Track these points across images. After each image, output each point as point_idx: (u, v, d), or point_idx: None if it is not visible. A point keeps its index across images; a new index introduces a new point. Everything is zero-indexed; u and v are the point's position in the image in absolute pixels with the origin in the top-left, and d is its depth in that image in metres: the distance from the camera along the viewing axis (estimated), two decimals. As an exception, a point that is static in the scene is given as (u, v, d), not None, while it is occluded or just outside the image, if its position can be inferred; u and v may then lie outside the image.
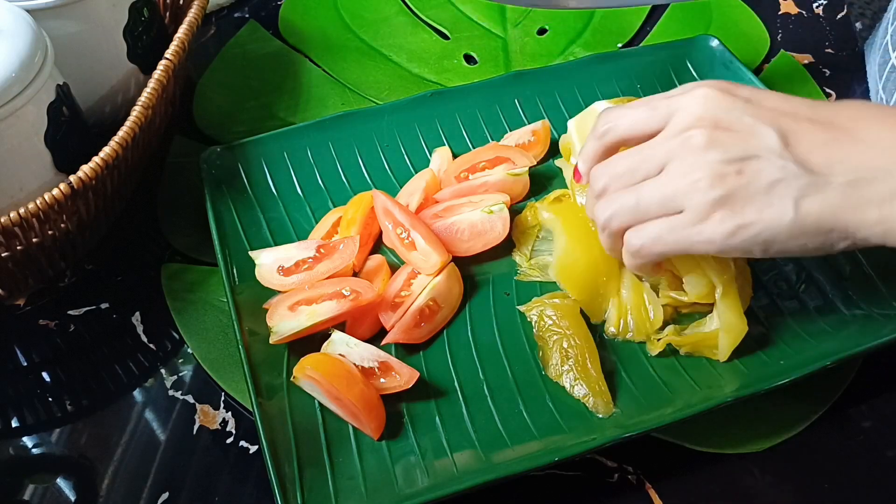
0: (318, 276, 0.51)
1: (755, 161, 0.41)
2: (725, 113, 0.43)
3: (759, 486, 0.46)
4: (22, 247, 0.49)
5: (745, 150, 0.41)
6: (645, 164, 0.44)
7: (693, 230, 0.42)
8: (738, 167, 0.41)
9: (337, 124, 0.61)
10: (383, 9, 0.76)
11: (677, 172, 0.42)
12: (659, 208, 0.43)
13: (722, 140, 0.42)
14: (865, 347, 0.48)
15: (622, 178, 0.45)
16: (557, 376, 0.48)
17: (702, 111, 0.43)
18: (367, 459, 0.45)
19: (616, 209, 0.45)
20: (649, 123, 0.45)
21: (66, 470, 0.47)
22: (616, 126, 0.46)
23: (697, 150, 0.42)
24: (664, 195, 0.43)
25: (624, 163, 0.45)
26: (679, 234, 0.43)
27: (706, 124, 0.42)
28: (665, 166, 0.43)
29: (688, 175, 0.42)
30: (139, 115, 0.51)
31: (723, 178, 0.41)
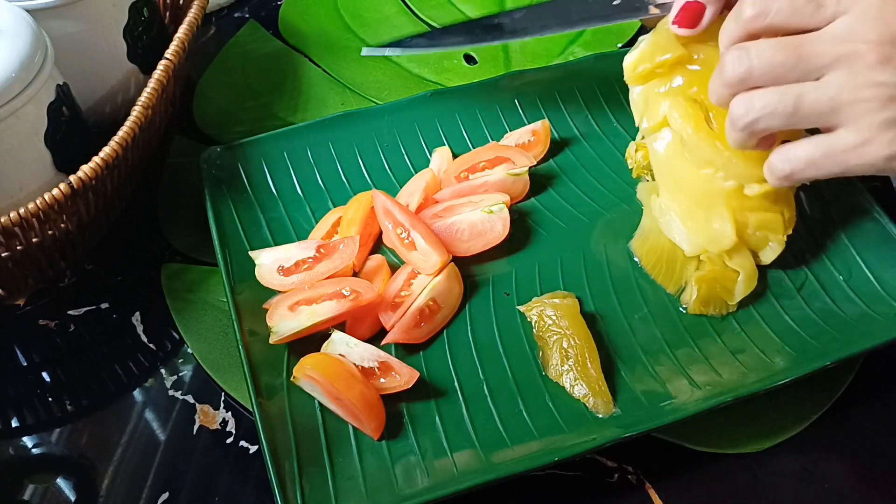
0: (318, 276, 0.51)
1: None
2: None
3: (759, 486, 0.46)
4: (22, 247, 0.49)
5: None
6: (804, 64, 0.40)
7: (854, 153, 0.39)
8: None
9: (337, 124, 0.61)
10: (383, 9, 0.76)
11: (845, 85, 0.39)
12: (818, 120, 0.40)
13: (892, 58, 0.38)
14: (865, 347, 0.49)
15: (773, 70, 0.40)
16: (557, 376, 0.48)
17: (877, 26, 0.39)
18: (367, 459, 0.45)
19: (766, 108, 0.40)
20: (813, 18, 0.40)
21: (66, 470, 0.47)
22: (769, 8, 0.41)
23: (870, 67, 0.38)
24: (829, 107, 0.39)
25: (778, 53, 0.40)
26: (837, 158, 0.40)
27: (882, 41, 0.38)
28: (827, 73, 0.39)
29: (857, 91, 0.39)
30: (139, 115, 0.51)
31: (893, 99, 0.38)
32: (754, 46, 0.41)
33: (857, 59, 0.39)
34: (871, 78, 0.39)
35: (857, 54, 0.39)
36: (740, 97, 0.41)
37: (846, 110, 0.39)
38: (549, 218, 0.58)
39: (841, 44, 0.39)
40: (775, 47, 0.40)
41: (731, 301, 0.52)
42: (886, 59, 0.38)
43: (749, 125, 0.41)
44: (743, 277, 0.51)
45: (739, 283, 0.51)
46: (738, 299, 0.52)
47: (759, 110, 0.41)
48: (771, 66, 0.40)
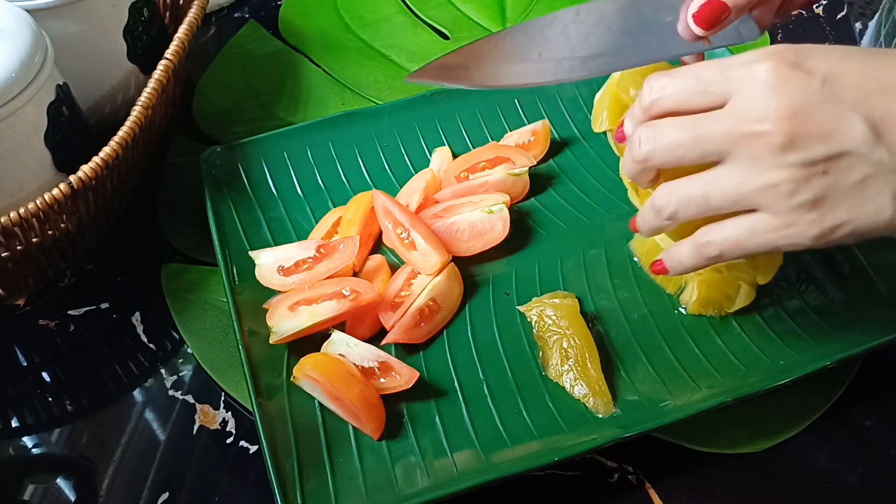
0: (318, 276, 0.51)
1: (843, 158, 0.36)
2: (802, 104, 0.36)
3: (759, 486, 0.46)
4: (22, 247, 0.49)
5: (829, 148, 0.36)
6: (702, 147, 0.38)
7: (777, 234, 0.38)
8: (823, 167, 0.36)
9: (337, 124, 0.61)
10: (383, 9, 0.76)
11: (751, 171, 0.37)
12: (731, 207, 0.38)
13: (801, 137, 0.36)
14: (865, 347, 0.49)
15: (675, 150, 0.39)
16: (557, 376, 0.48)
17: (772, 100, 0.36)
18: (367, 459, 0.45)
19: (680, 201, 0.40)
20: (703, 100, 0.39)
21: (66, 470, 0.47)
22: (663, 98, 0.40)
23: (773, 150, 0.36)
24: (739, 195, 0.38)
25: (676, 132, 0.39)
26: (762, 239, 0.38)
27: (780, 118, 0.36)
28: (729, 158, 0.38)
29: (765, 176, 0.37)
30: (139, 115, 0.51)
31: (807, 180, 0.36)
32: (659, 125, 0.40)
33: (761, 144, 0.37)
34: (776, 160, 0.37)
35: (760, 139, 0.37)
36: (663, 187, 0.41)
37: (759, 195, 0.37)
38: (549, 218, 0.58)
39: (738, 124, 0.37)
40: (674, 126, 0.39)
41: (730, 308, 0.51)
42: (790, 140, 0.36)
43: (669, 216, 0.40)
44: (744, 288, 0.51)
45: (740, 294, 0.51)
46: (737, 308, 0.52)
47: (676, 203, 0.40)
48: (672, 146, 0.39)
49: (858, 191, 0.37)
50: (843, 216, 0.37)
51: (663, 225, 0.42)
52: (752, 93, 0.37)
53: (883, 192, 0.37)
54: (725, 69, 0.38)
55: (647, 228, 0.43)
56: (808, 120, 0.36)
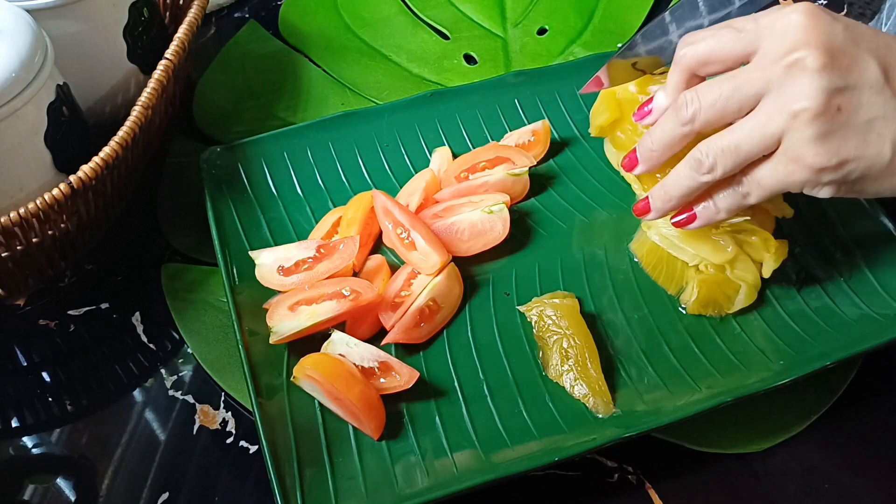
0: (318, 276, 0.51)
1: (857, 94, 0.40)
2: (831, 37, 0.40)
3: (759, 486, 0.46)
4: (22, 247, 0.49)
5: (848, 80, 0.40)
6: (739, 93, 0.42)
7: (791, 168, 0.41)
8: (839, 102, 0.39)
9: (337, 124, 0.61)
10: (383, 9, 0.76)
11: (778, 106, 0.40)
12: (759, 149, 0.42)
13: (827, 71, 0.39)
14: (865, 347, 0.49)
15: (714, 109, 0.42)
16: (557, 376, 0.48)
17: (807, 34, 0.40)
18: (367, 459, 0.45)
19: (716, 155, 0.43)
20: (735, 47, 0.42)
21: (66, 470, 0.47)
22: (695, 47, 0.44)
23: (803, 82, 0.40)
24: (765, 133, 0.41)
25: (714, 91, 0.42)
26: (783, 173, 0.42)
27: (813, 50, 0.39)
28: (764, 97, 0.41)
29: (788, 107, 0.40)
30: (139, 115, 0.51)
31: (825, 113, 0.39)
32: (699, 87, 0.43)
33: (796, 71, 0.40)
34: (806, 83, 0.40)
35: (795, 66, 0.40)
36: (702, 144, 0.43)
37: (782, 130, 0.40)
38: (549, 218, 0.58)
39: (774, 63, 0.41)
40: (713, 83, 0.43)
41: (730, 309, 0.52)
42: (822, 63, 0.39)
43: (709, 168, 0.43)
44: (745, 289, 0.51)
45: (741, 294, 0.51)
46: (737, 309, 0.52)
47: (713, 157, 0.43)
48: (714, 100, 0.42)
49: (865, 131, 0.40)
50: (848, 152, 0.40)
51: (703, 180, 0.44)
52: (785, 32, 0.41)
53: (885, 136, 0.40)
54: (755, 18, 0.42)
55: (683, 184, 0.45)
56: (836, 51, 0.40)
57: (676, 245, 0.51)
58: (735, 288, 0.51)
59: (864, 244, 0.54)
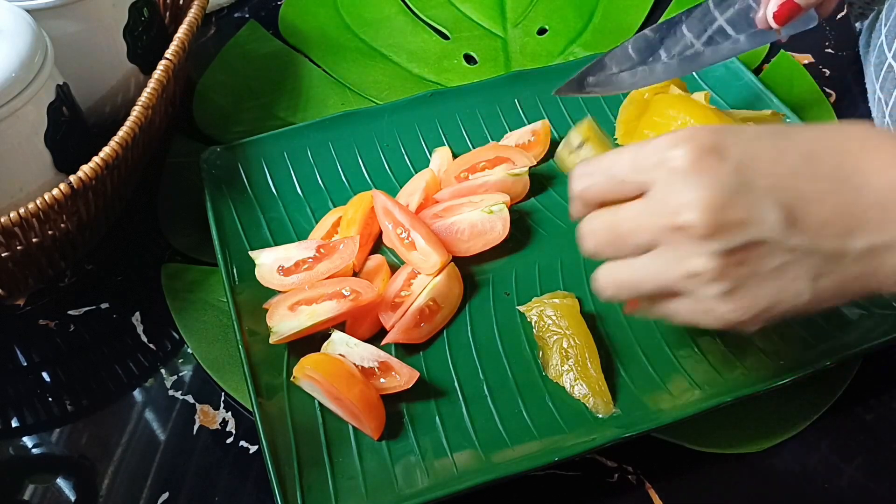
0: (318, 276, 0.51)
1: (759, 247, 0.36)
2: (719, 192, 0.36)
3: (759, 486, 0.46)
4: (22, 247, 0.49)
5: (746, 237, 0.36)
6: (631, 240, 0.39)
7: (700, 317, 0.39)
8: (740, 257, 0.36)
9: (337, 124, 0.61)
10: (383, 9, 0.76)
11: (672, 260, 0.38)
12: (660, 292, 0.39)
13: (721, 227, 0.36)
14: (865, 347, 0.49)
15: (610, 246, 0.40)
16: (557, 376, 0.48)
17: (691, 190, 0.36)
18: (367, 459, 0.45)
19: (617, 284, 0.41)
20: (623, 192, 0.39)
21: (66, 470, 0.47)
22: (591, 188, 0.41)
23: (695, 239, 0.36)
24: (663, 283, 0.39)
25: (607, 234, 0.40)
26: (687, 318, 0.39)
27: (701, 208, 0.36)
28: (655, 245, 0.38)
29: (686, 265, 0.37)
30: (139, 115, 0.51)
31: (725, 270, 0.37)
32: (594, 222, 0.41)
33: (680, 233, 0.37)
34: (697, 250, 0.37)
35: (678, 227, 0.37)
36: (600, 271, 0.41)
37: (680, 284, 0.38)
38: (549, 218, 0.58)
39: (659, 217, 0.37)
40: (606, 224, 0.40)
41: None
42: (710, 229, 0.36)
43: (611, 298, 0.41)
44: None
45: None
46: None
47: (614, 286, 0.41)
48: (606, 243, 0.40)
49: (776, 277, 0.37)
50: (762, 303, 0.37)
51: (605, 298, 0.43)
52: (669, 182, 0.37)
53: (800, 277, 0.37)
54: (641, 157, 0.38)
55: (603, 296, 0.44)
56: (725, 208, 0.36)
57: None
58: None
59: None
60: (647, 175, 0.38)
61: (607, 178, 0.40)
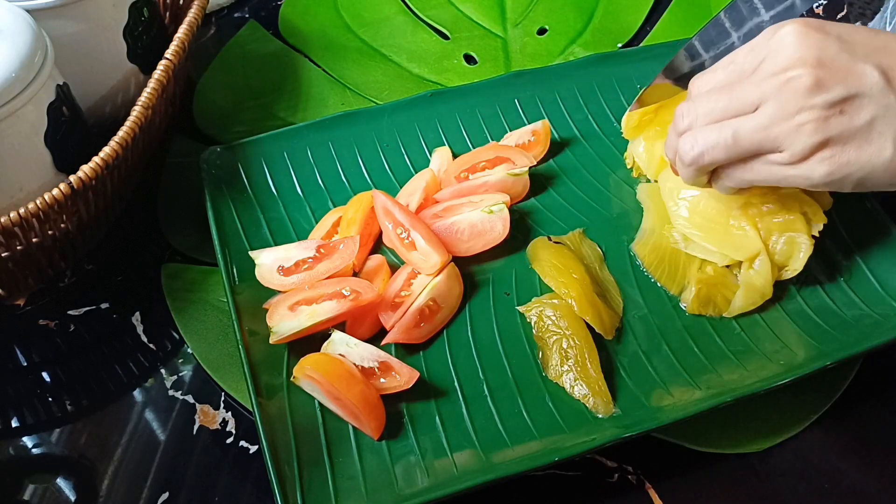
0: (318, 276, 0.51)
1: (857, 99, 0.41)
2: (822, 52, 0.41)
3: (759, 486, 0.46)
4: (22, 247, 0.49)
5: (847, 89, 0.41)
6: (737, 102, 0.43)
7: (793, 169, 0.42)
8: (840, 107, 0.41)
9: (337, 124, 0.61)
10: (383, 9, 0.76)
11: (779, 113, 0.42)
12: (757, 148, 0.43)
13: (824, 80, 0.41)
14: (865, 347, 0.49)
15: (712, 113, 0.44)
16: (557, 377, 0.48)
17: (798, 51, 0.41)
18: (367, 459, 0.45)
19: (708, 144, 0.44)
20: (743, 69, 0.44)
21: (66, 470, 0.47)
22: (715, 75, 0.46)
23: (801, 91, 0.41)
24: (766, 136, 0.42)
25: (714, 99, 0.44)
26: (779, 174, 0.43)
27: (807, 64, 0.41)
28: (761, 105, 0.42)
29: (791, 117, 0.41)
30: (139, 115, 0.51)
31: (826, 120, 0.41)
32: (698, 97, 0.45)
33: (790, 87, 0.41)
34: (803, 101, 0.41)
35: (789, 83, 0.41)
36: (686, 136, 0.45)
37: (784, 134, 0.42)
38: (549, 218, 0.58)
39: (771, 77, 0.42)
40: (712, 91, 0.45)
41: (728, 313, 0.52)
42: (815, 82, 0.41)
43: (695, 160, 0.45)
44: (742, 293, 0.51)
45: (738, 296, 0.51)
46: (735, 314, 0.51)
47: (702, 145, 0.44)
48: (708, 111, 0.44)
49: (866, 131, 0.41)
50: (850, 155, 0.41)
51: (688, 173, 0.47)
52: (779, 50, 0.42)
53: (886, 133, 0.41)
54: (753, 44, 0.44)
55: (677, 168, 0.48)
56: (830, 65, 0.41)
57: (699, 245, 0.52)
58: (734, 289, 0.51)
59: (864, 244, 0.54)
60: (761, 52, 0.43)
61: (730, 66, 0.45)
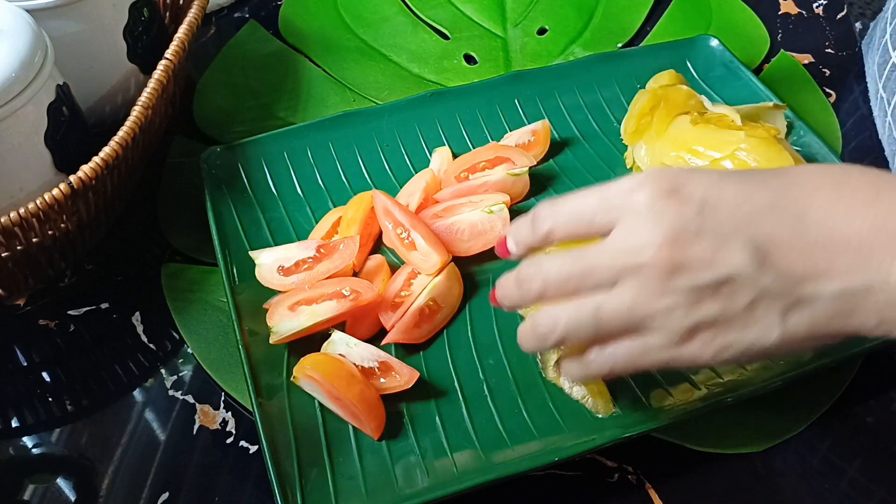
0: (318, 276, 0.51)
1: (729, 284, 0.36)
2: (681, 231, 0.36)
3: (759, 486, 0.46)
4: (22, 247, 0.49)
5: (715, 274, 0.36)
6: (591, 277, 0.38)
7: (673, 351, 0.38)
8: (711, 291, 0.36)
9: (337, 124, 0.61)
10: (383, 9, 0.76)
11: (639, 297, 0.37)
12: (625, 329, 0.38)
13: (685, 264, 0.36)
14: (865, 347, 0.49)
15: (566, 285, 0.39)
16: (556, 378, 0.48)
17: (652, 233, 0.36)
18: (367, 459, 0.45)
19: (570, 322, 0.39)
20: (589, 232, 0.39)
21: (66, 470, 0.47)
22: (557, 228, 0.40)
23: (658, 278, 0.36)
24: (630, 318, 0.37)
25: (566, 269, 0.39)
26: (657, 356, 0.38)
27: (660, 246, 0.36)
28: (619, 283, 0.37)
29: (654, 301, 0.36)
30: (139, 115, 0.51)
31: (697, 304, 0.36)
32: (546, 260, 0.40)
33: (644, 270, 0.36)
34: (664, 286, 0.36)
35: (640, 266, 0.36)
36: (545, 312, 0.40)
37: (651, 317, 0.37)
38: (549, 218, 0.57)
39: (622, 255, 0.37)
40: (563, 260, 0.39)
41: None
42: (674, 267, 0.36)
43: (558, 340, 0.40)
44: None
45: None
46: None
47: (564, 325, 0.39)
48: (562, 282, 0.39)
49: (747, 314, 0.36)
50: (732, 338, 0.37)
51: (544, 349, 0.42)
52: (631, 223, 0.37)
53: (770, 314, 0.36)
54: (605, 199, 0.38)
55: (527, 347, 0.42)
56: (689, 247, 0.36)
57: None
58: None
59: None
60: (612, 215, 0.38)
61: (575, 216, 0.39)
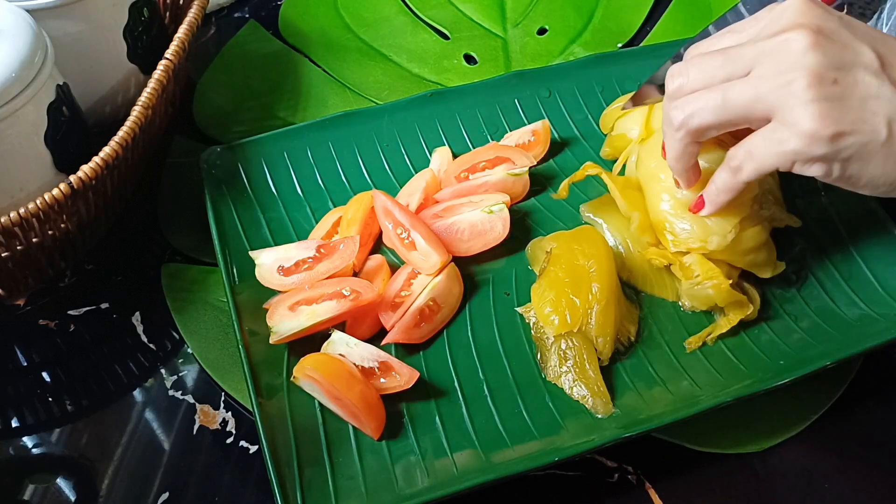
0: (318, 276, 0.51)
1: (852, 73, 0.40)
2: (824, 22, 0.41)
3: (759, 486, 0.46)
4: (22, 247, 0.49)
5: (843, 59, 0.40)
6: (730, 64, 0.42)
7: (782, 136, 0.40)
8: (835, 75, 0.40)
9: (337, 124, 0.61)
10: (383, 9, 0.76)
11: (770, 72, 0.40)
12: (747, 109, 0.41)
13: (821, 45, 0.40)
14: (865, 347, 0.49)
15: (704, 75, 0.42)
16: (556, 378, 0.48)
17: (800, 17, 0.41)
18: (367, 459, 0.45)
19: (697, 107, 0.42)
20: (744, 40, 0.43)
21: (66, 470, 0.47)
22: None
23: (796, 51, 0.40)
24: (756, 94, 0.41)
25: (707, 60, 0.43)
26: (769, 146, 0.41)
27: (806, 27, 0.40)
28: (754, 68, 0.41)
29: (782, 75, 0.40)
30: (139, 115, 0.51)
31: (819, 83, 0.39)
32: (692, 60, 0.44)
33: (785, 47, 0.40)
34: (797, 61, 0.40)
35: (785, 43, 0.40)
36: (674, 102, 0.44)
37: (775, 94, 0.40)
38: (549, 218, 0.58)
39: (767, 38, 0.41)
40: (706, 55, 0.43)
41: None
42: (813, 44, 0.40)
43: (683, 123, 0.43)
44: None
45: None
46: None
47: (691, 108, 0.43)
48: (702, 71, 0.43)
49: (861, 107, 0.40)
50: (844, 124, 0.40)
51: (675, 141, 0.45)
52: (780, 16, 0.42)
53: (880, 115, 0.40)
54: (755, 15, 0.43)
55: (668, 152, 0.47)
56: (829, 35, 0.40)
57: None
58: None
59: (865, 245, 0.54)
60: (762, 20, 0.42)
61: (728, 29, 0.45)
